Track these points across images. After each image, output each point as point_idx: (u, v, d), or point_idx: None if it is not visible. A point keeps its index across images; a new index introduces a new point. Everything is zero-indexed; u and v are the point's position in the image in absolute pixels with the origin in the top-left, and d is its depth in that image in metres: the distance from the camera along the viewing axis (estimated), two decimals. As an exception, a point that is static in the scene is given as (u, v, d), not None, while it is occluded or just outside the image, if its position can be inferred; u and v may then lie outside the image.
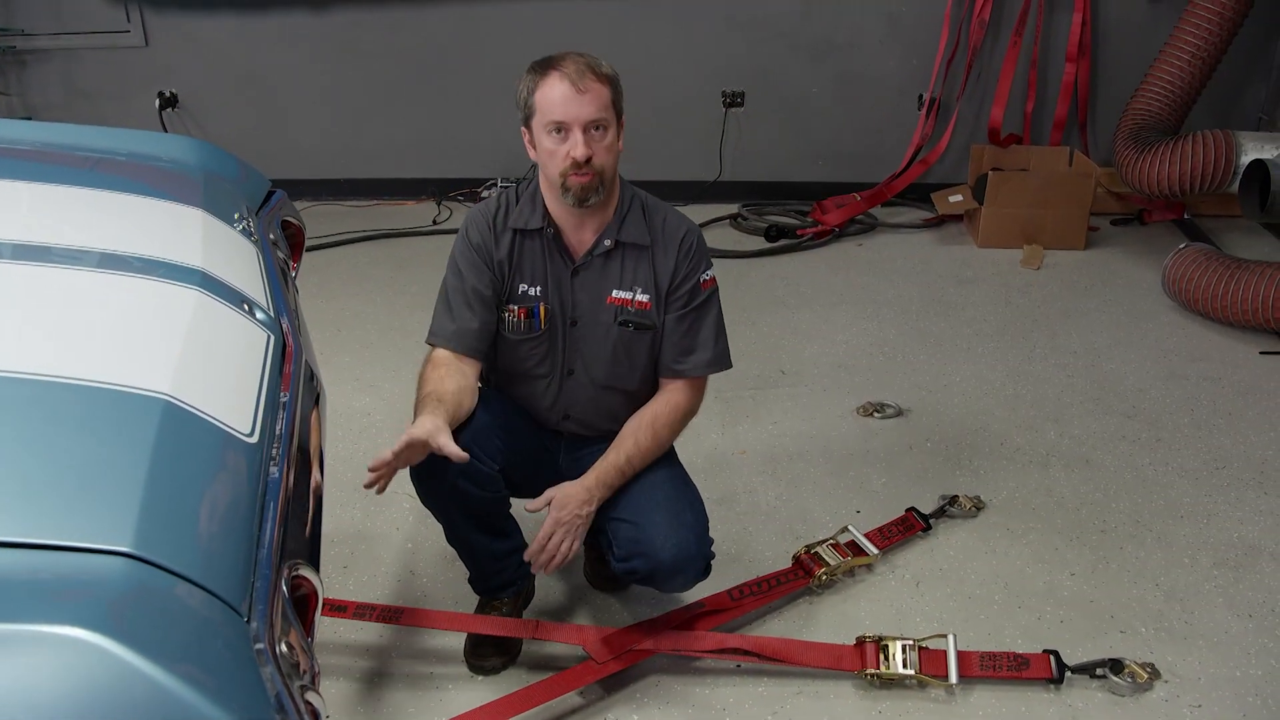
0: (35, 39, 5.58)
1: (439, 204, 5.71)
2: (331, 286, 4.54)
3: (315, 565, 1.52)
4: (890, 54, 5.40)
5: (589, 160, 2.02)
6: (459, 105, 5.56)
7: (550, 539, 2.12)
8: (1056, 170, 5.15)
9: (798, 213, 5.44)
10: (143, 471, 1.12)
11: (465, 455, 1.96)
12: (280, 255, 2.08)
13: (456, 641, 2.39)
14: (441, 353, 2.18)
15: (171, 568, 1.03)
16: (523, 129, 2.11)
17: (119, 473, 1.12)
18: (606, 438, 2.26)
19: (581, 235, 2.18)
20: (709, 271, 2.23)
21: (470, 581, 2.44)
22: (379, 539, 2.80)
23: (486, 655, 2.34)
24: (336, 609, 2.38)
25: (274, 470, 1.34)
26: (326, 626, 2.42)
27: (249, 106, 5.73)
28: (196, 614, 1.02)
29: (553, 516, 2.14)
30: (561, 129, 2.01)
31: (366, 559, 2.72)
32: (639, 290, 2.19)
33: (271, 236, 2.09)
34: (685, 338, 2.22)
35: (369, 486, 1.95)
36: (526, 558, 2.17)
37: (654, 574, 2.18)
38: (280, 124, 5.76)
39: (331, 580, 2.61)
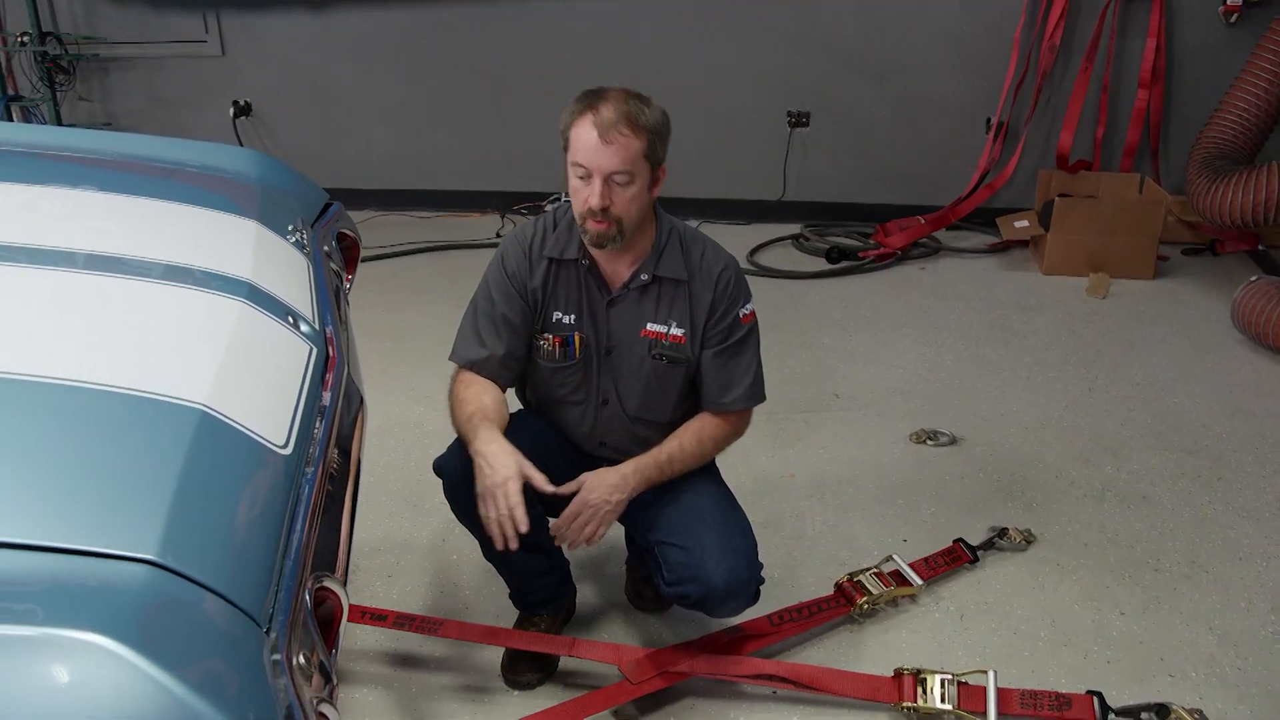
0: (118, 48, 5.76)
1: (503, 217, 5.78)
2: (392, 297, 4.61)
3: (343, 578, 1.53)
4: (957, 76, 5.37)
5: (605, 210, 2.01)
6: (524, 119, 5.62)
7: (576, 519, 2.09)
8: (1126, 197, 5.06)
9: (860, 234, 5.41)
10: (173, 480, 1.14)
11: (548, 484, 2.00)
12: (333, 268, 2.11)
13: (494, 655, 2.40)
14: (469, 372, 2.19)
15: (192, 576, 1.04)
16: (564, 152, 2.10)
17: (149, 481, 1.14)
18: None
19: (617, 268, 2.16)
20: (748, 306, 2.20)
21: (511, 597, 2.46)
22: (424, 550, 2.83)
23: (523, 671, 2.35)
24: (377, 618, 2.41)
25: (306, 483, 1.36)
26: (367, 635, 2.45)
27: (319, 116, 5.87)
28: (214, 622, 1.04)
29: (581, 497, 2.09)
30: (584, 174, 2.00)
31: (411, 569, 2.74)
32: (674, 324, 2.17)
33: (325, 249, 2.11)
34: (723, 371, 2.20)
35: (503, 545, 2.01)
36: (552, 531, 2.12)
37: (706, 599, 2.16)
38: (349, 134, 5.88)
39: (374, 589, 2.64)
